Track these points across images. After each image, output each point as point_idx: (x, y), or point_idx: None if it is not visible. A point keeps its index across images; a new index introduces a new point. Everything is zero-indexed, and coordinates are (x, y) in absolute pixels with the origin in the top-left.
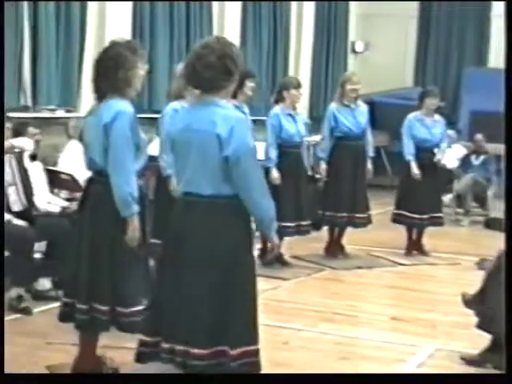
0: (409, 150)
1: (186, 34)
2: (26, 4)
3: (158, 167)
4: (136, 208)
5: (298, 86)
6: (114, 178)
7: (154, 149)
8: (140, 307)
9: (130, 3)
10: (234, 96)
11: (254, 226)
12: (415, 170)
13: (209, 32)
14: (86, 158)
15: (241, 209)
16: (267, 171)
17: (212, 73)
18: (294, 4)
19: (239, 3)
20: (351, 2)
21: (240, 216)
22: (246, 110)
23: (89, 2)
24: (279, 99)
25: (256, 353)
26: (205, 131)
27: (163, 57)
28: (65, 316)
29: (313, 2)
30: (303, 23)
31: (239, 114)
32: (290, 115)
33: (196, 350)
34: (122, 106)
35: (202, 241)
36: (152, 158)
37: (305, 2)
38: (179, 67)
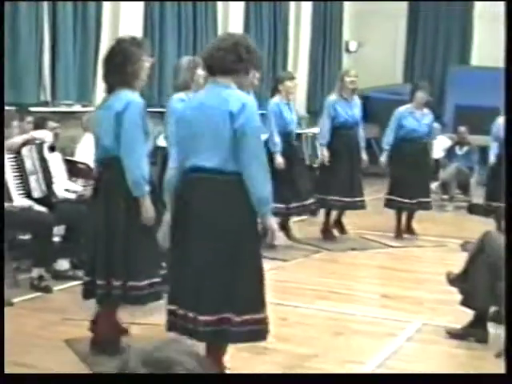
0: (387, 140)
1: (192, 34)
2: (45, 4)
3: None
4: (147, 188)
5: (291, 78)
6: (126, 161)
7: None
8: (154, 279)
9: (142, 4)
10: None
11: None
12: (383, 158)
13: (214, 32)
14: (99, 147)
15: (244, 187)
16: (271, 157)
17: (223, 53)
18: (292, 5)
19: (242, 4)
20: (345, 4)
21: (245, 193)
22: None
23: (104, 3)
24: (275, 91)
25: (261, 321)
26: (217, 108)
27: (172, 55)
28: (87, 293)
29: (310, 4)
30: (301, 23)
31: (252, 98)
32: (287, 104)
33: (203, 317)
34: (132, 97)
35: (209, 213)
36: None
37: (302, 4)
38: (184, 60)
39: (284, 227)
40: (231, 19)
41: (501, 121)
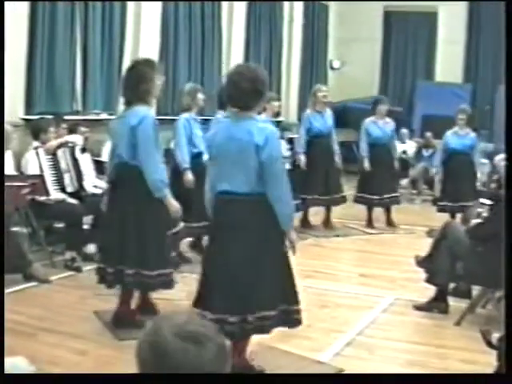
0: (362, 149)
1: (201, 53)
2: (78, 26)
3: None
4: (167, 190)
5: (277, 99)
6: (145, 168)
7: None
8: (167, 270)
9: (159, 26)
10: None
11: None
12: (366, 163)
13: (218, 53)
14: (114, 154)
15: (269, 204)
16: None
17: (246, 97)
18: (285, 29)
19: (243, 29)
20: (330, 30)
21: (269, 209)
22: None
23: (127, 26)
24: (262, 110)
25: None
26: (245, 141)
27: (184, 73)
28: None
29: (300, 29)
30: (293, 45)
31: (272, 126)
32: (272, 122)
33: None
34: (145, 112)
35: (240, 229)
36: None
37: (294, 28)
38: (187, 86)
39: None
40: (233, 43)
41: (449, 133)
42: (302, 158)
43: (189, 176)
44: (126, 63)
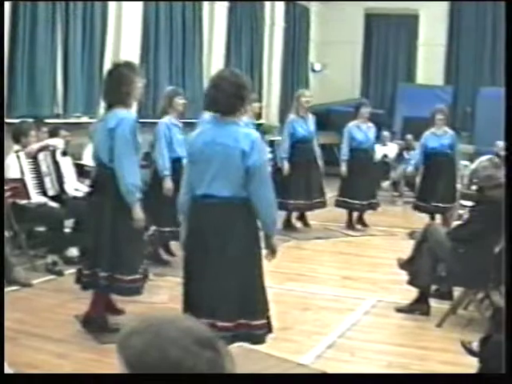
0: (344, 152)
1: (181, 56)
2: (59, 30)
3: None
4: (138, 196)
5: (257, 100)
6: (118, 171)
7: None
8: (137, 276)
9: (140, 29)
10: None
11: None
12: (344, 167)
13: (199, 55)
14: (95, 155)
15: (252, 209)
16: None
17: (230, 101)
18: (266, 32)
19: (224, 31)
20: (311, 33)
21: (251, 214)
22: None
23: (108, 30)
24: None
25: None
26: (229, 146)
27: (164, 75)
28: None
29: (281, 31)
30: (274, 48)
31: (255, 132)
32: (253, 124)
33: (221, 323)
34: (124, 114)
35: (221, 233)
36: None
37: (275, 31)
38: (167, 89)
39: None
40: (215, 45)
41: (427, 133)
42: (286, 164)
43: (168, 183)
44: (107, 66)
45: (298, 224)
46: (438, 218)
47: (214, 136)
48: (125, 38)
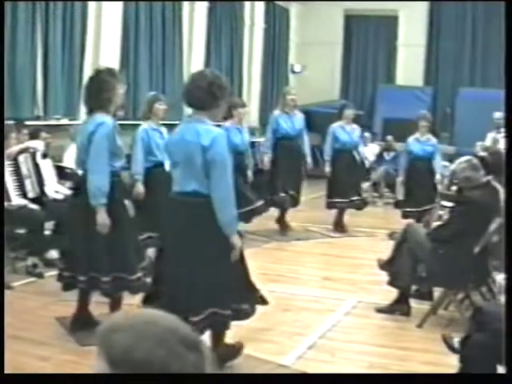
0: (327, 153)
1: (161, 60)
2: (39, 32)
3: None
4: (103, 200)
5: (243, 105)
6: (89, 174)
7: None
8: (116, 274)
9: (120, 33)
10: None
11: None
12: (328, 168)
13: (180, 59)
14: (78, 159)
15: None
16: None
17: (200, 93)
18: (246, 33)
19: (204, 34)
20: (291, 34)
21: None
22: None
23: (87, 33)
24: (228, 116)
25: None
26: (192, 142)
27: (144, 76)
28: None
29: (261, 32)
30: (253, 49)
31: (220, 130)
32: (237, 129)
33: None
34: (102, 119)
35: (185, 229)
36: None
37: (255, 32)
38: (148, 95)
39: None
40: (194, 47)
41: (411, 139)
42: (266, 159)
43: (139, 188)
44: (87, 68)
45: (277, 226)
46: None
47: (181, 135)
48: (105, 38)
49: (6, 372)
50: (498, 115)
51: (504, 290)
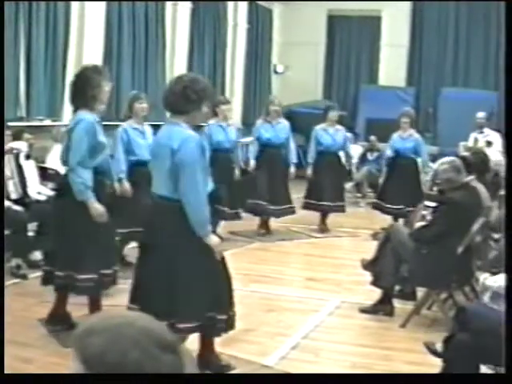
0: (311, 155)
1: (144, 61)
2: (22, 33)
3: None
4: (90, 194)
5: (225, 102)
6: (69, 171)
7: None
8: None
9: (103, 32)
10: (215, 115)
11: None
12: (309, 171)
13: (162, 59)
14: (63, 158)
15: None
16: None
17: (174, 97)
18: (229, 33)
19: (187, 34)
20: (274, 34)
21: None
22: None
23: (70, 33)
24: (213, 114)
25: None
26: (163, 144)
27: (127, 76)
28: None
29: (244, 33)
30: (236, 49)
31: (192, 132)
32: (221, 126)
33: (181, 325)
34: (82, 116)
35: (156, 232)
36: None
37: (238, 32)
38: (129, 95)
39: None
40: (177, 47)
41: (394, 135)
42: (252, 162)
43: (125, 186)
44: (70, 69)
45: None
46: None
47: (158, 138)
48: (87, 38)
49: None
50: (481, 115)
51: (504, 290)
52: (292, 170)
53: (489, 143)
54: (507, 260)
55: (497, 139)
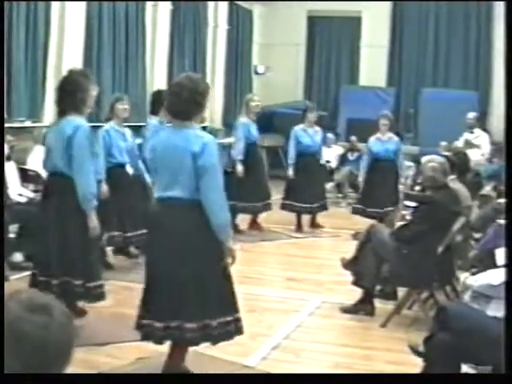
0: (291, 156)
1: (125, 62)
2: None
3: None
4: (95, 203)
5: None
6: (77, 179)
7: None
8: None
9: (83, 35)
10: None
11: None
12: (291, 172)
13: (142, 60)
14: (49, 162)
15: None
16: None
17: (187, 107)
18: (209, 34)
19: (167, 33)
20: (254, 34)
21: (204, 216)
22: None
23: (51, 36)
24: None
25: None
26: (182, 148)
27: (107, 77)
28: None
29: (224, 34)
30: (217, 50)
31: (209, 135)
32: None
33: (190, 325)
34: (79, 122)
35: (181, 235)
36: None
37: (218, 33)
38: (112, 96)
39: None
40: (158, 48)
41: (372, 139)
42: (240, 167)
43: (103, 188)
44: (50, 70)
45: (243, 226)
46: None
47: (171, 141)
48: (68, 38)
49: None
50: (471, 115)
51: (504, 290)
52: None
53: (467, 142)
54: (507, 260)
55: (485, 139)
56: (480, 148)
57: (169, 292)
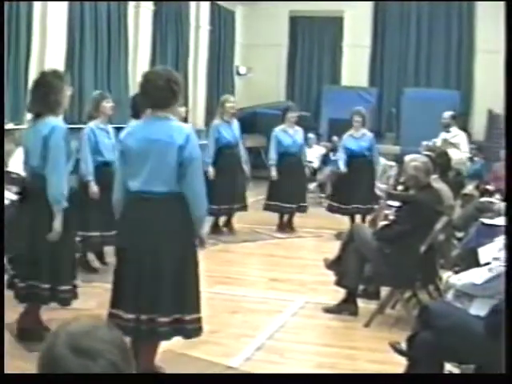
0: (271, 157)
1: (107, 63)
2: None
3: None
4: (64, 204)
5: (183, 104)
6: (49, 178)
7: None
8: (64, 287)
9: (65, 37)
10: None
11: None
12: (274, 172)
13: (125, 59)
14: (27, 164)
15: (186, 204)
16: None
17: (160, 92)
18: (191, 35)
19: (149, 33)
20: (236, 35)
21: (186, 209)
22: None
23: (33, 38)
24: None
25: (199, 319)
26: (164, 141)
27: (89, 78)
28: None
29: (206, 34)
30: (199, 51)
31: (188, 126)
32: None
33: (162, 319)
34: (56, 122)
35: (158, 229)
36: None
37: (200, 34)
38: (93, 94)
39: None
40: (140, 48)
41: (345, 136)
42: (210, 170)
43: (93, 188)
44: (32, 72)
45: (225, 229)
46: (358, 218)
47: (147, 133)
48: (50, 38)
49: None
50: (446, 115)
51: (504, 290)
52: (246, 168)
53: (445, 141)
54: (508, 260)
55: (463, 138)
56: (458, 147)
57: (145, 285)
